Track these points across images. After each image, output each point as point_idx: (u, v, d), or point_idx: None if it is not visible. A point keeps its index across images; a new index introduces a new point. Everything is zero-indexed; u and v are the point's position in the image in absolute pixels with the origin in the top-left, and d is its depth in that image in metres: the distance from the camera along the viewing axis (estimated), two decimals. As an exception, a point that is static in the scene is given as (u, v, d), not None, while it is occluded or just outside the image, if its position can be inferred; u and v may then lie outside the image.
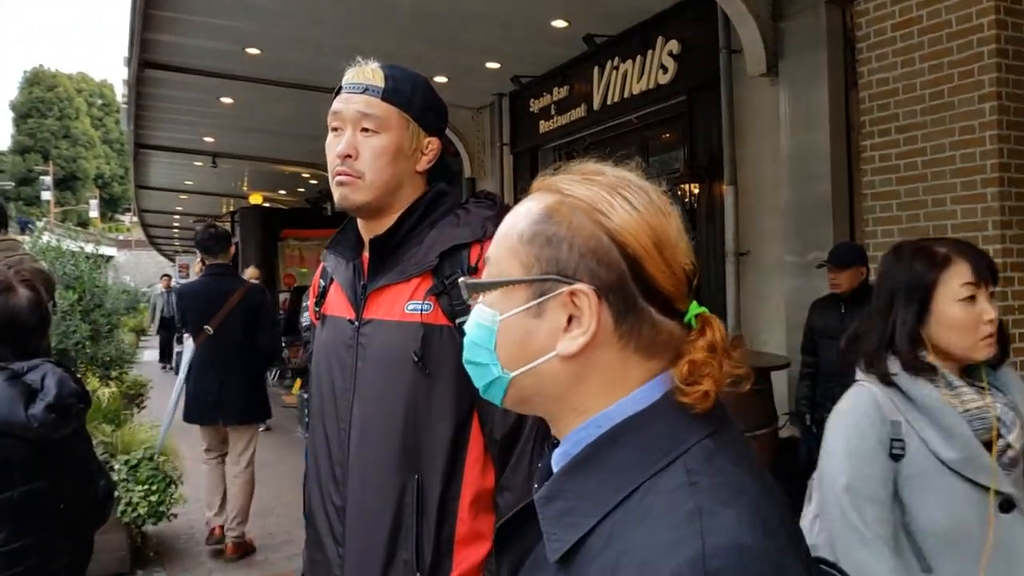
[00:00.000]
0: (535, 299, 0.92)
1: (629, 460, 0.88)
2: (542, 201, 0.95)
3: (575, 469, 0.91)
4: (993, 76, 4.90)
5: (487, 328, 0.96)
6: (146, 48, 8.45)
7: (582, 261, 0.91)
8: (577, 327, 0.90)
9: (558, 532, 0.89)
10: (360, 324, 1.78)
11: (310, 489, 1.89)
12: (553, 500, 0.91)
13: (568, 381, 0.93)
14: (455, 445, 1.71)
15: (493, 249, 0.99)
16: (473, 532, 1.72)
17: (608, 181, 0.95)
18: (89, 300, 5.98)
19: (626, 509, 0.85)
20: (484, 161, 10.99)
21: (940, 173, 5.19)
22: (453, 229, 1.76)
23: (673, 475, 0.85)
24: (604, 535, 0.84)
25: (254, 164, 15.45)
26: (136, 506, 5.12)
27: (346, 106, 1.73)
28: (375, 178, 1.73)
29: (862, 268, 4.78)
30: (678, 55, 7.33)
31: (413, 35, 7.88)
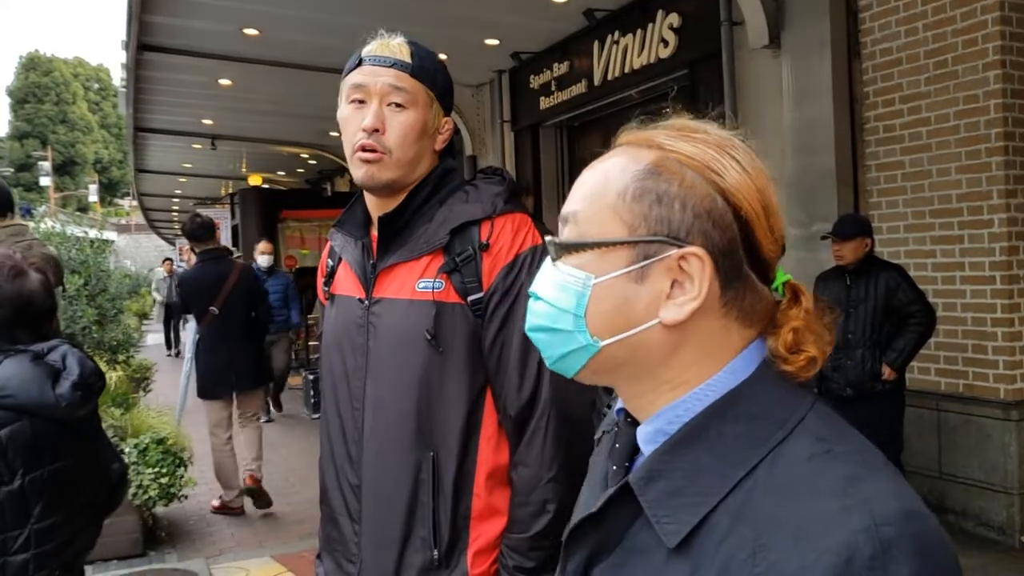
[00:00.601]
0: (639, 262, 0.85)
1: (744, 432, 0.83)
2: (640, 156, 0.89)
3: (680, 446, 0.85)
4: (997, 44, 4.88)
5: (576, 292, 0.87)
6: (144, 31, 8.40)
7: (696, 222, 0.85)
8: (682, 293, 0.85)
9: (671, 514, 0.82)
10: (371, 303, 1.77)
11: (325, 468, 1.89)
12: (655, 480, 0.84)
13: (666, 351, 0.87)
14: (469, 421, 1.72)
15: (580, 206, 0.90)
16: (489, 508, 1.73)
17: (714, 140, 0.90)
18: (95, 285, 5.99)
19: (752, 483, 0.79)
20: (485, 139, 10.95)
21: (944, 143, 5.19)
22: (463, 205, 1.75)
23: (800, 444, 0.80)
24: (730, 513, 0.79)
25: (253, 146, 15.39)
26: (147, 488, 5.16)
27: (373, 79, 1.68)
28: (402, 155, 1.70)
29: (866, 240, 4.77)
30: (679, 28, 7.27)
31: (412, 12, 7.82)
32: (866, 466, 0.78)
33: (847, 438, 0.82)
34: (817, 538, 0.72)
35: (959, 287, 5.18)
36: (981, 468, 5.12)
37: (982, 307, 5.10)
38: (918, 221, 5.38)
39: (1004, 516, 5.02)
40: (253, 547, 5.54)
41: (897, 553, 0.70)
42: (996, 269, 5.02)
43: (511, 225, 1.73)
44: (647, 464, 0.87)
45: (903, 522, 0.73)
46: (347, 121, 1.73)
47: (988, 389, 5.10)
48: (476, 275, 1.70)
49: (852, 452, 0.80)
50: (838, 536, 0.71)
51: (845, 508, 0.73)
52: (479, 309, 1.70)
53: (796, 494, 0.76)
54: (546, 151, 10.02)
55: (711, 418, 0.85)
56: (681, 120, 0.94)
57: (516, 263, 1.70)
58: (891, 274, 4.73)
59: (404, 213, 1.75)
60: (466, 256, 1.70)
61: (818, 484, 0.76)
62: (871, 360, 4.71)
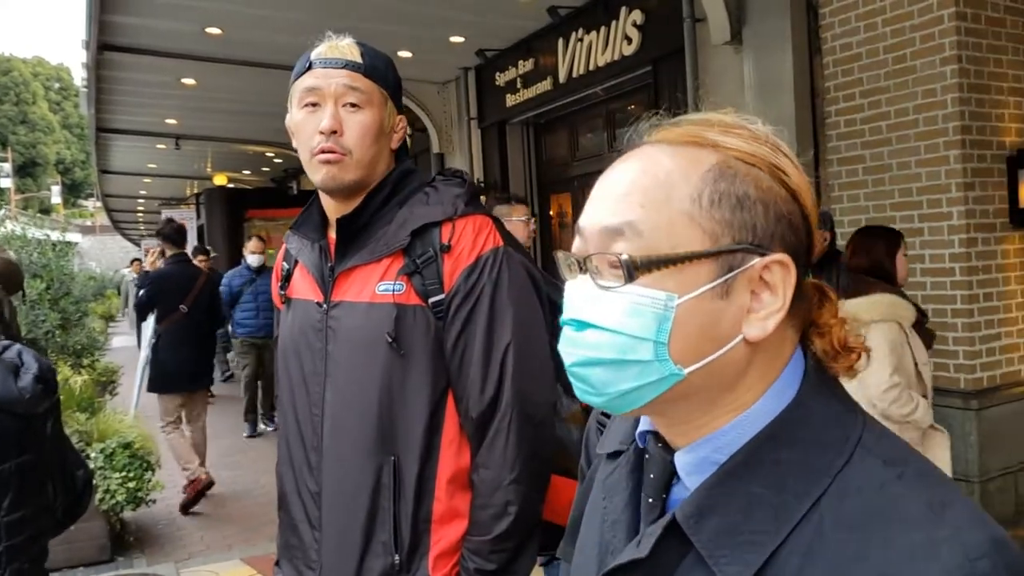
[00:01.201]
0: (723, 274, 0.77)
1: (803, 459, 0.76)
2: (700, 156, 0.80)
3: (731, 477, 0.77)
4: (953, 39, 4.96)
5: (656, 315, 0.76)
6: (105, 30, 8.28)
7: (777, 227, 0.79)
8: (761, 305, 0.78)
9: (730, 554, 0.74)
10: (329, 307, 1.75)
11: (283, 474, 1.87)
12: (708, 516, 0.76)
13: (740, 371, 0.79)
14: (431, 425, 1.71)
15: (635, 215, 0.79)
16: (450, 511, 1.72)
17: (762, 136, 0.83)
18: (57, 288, 5.92)
19: (820, 517, 0.73)
20: (452, 136, 10.93)
21: (904, 136, 5.26)
22: (423, 207, 1.74)
23: (867, 469, 0.74)
24: (800, 551, 0.72)
25: (218, 145, 15.24)
26: (114, 493, 5.12)
27: (326, 81, 1.68)
28: (362, 155, 1.69)
29: (825, 233, 4.80)
30: (642, 25, 7.31)
31: (376, 10, 7.79)
32: (942, 490, 0.74)
33: (908, 457, 0.77)
34: (907, 575, 0.68)
35: (920, 279, 5.26)
36: (943, 456, 5.20)
37: (942, 299, 5.18)
38: (879, 215, 5.45)
39: (966, 503, 5.10)
40: (222, 550, 5.51)
41: None
42: (955, 261, 5.10)
43: (472, 227, 1.73)
44: (696, 498, 0.79)
45: (996, 553, 0.68)
46: (302, 125, 1.71)
47: (949, 379, 5.18)
48: (437, 277, 1.69)
49: (921, 474, 0.75)
50: (931, 572, 0.67)
51: (933, 542, 0.68)
52: (440, 311, 1.70)
53: (875, 528, 0.71)
54: (513, 148, 10.03)
55: (765, 444, 0.78)
56: (711, 114, 0.85)
57: (478, 264, 1.70)
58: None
59: (363, 215, 1.74)
60: (427, 258, 1.69)
61: (898, 515, 0.71)
62: None
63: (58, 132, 74.69)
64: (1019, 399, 5.27)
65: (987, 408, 5.10)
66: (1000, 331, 5.24)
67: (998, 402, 5.17)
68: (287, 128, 1.78)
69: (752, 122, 0.84)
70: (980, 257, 5.14)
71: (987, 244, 5.16)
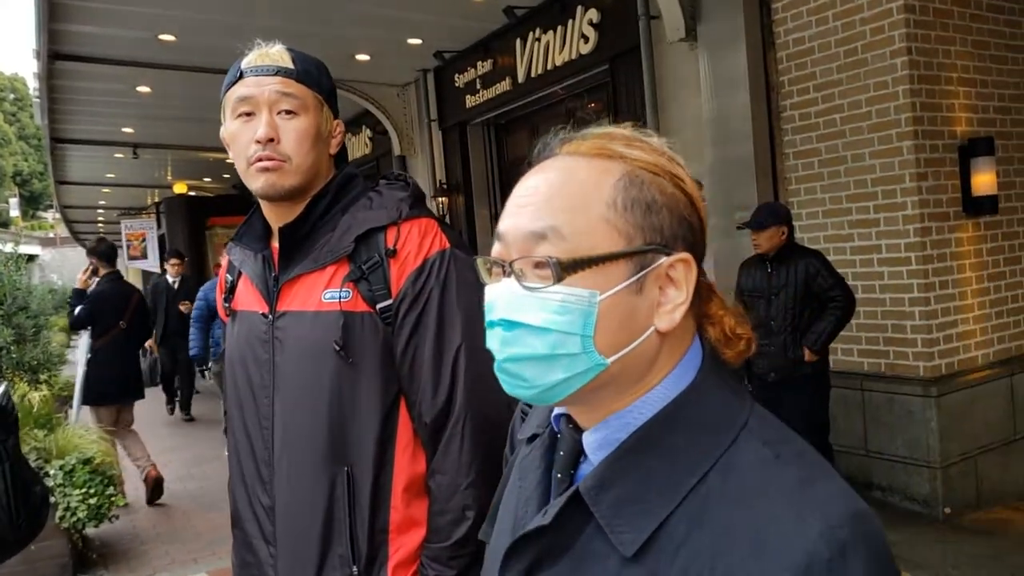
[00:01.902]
0: (637, 272, 0.84)
1: (694, 438, 0.84)
2: (609, 167, 0.88)
3: (631, 453, 0.85)
4: (903, 32, 5.02)
5: (583, 311, 0.83)
6: (55, 39, 8.16)
7: (679, 228, 0.87)
8: (667, 299, 0.86)
9: (626, 522, 0.82)
10: (275, 317, 1.72)
11: (236, 491, 1.83)
12: (607, 488, 0.84)
13: (651, 359, 0.87)
14: (384, 433, 1.68)
15: (558, 220, 0.85)
16: (408, 519, 1.70)
17: (658, 148, 0.91)
18: (11, 303, 5.80)
19: (707, 490, 0.80)
20: (413, 138, 10.89)
21: (858, 129, 5.32)
22: (367, 212, 1.71)
23: (749, 449, 0.82)
24: (686, 520, 0.80)
25: (177, 153, 15.06)
26: (75, 510, 5.02)
27: (259, 89, 1.65)
28: (301, 161, 1.66)
29: (782, 228, 4.84)
30: (598, 24, 7.33)
31: (332, 14, 7.74)
32: (813, 468, 0.81)
33: (789, 440, 0.85)
34: (775, 544, 0.74)
35: (877, 269, 5.32)
36: (905, 444, 5.27)
37: (899, 288, 5.24)
38: (836, 206, 5.51)
39: (928, 489, 5.17)
40: (188, 564, 5.44)
41: (851, 554, 0.74)
42: (911, 250, 5.17)
43: (418, 230, 1.70)
44: (598, 472, 0.86)
45: (855, 523, 0.76)
46: (237, 136, 1.68)
47: (908, 367, 5.25)
48: (384, 282, 1.67)
49: (797, 455, 0.83)
50: (796, 541, 0.74)
51: (800, 513, 0.76)
52: (389, 316, 1.67)
53: (751, 501, 0.78)
54: (474, 149, 10.02)
55: (661, 425, 0.85)
56: (612, 128, 0.94)
57: (425, 267, 1.68)
58: (810, 260, 4.81)
59: (306, 222, 1.71)
60: (372, 263, 1.67)
61: (771, 490, 0.78)
62: (792, 345, 4.81)
63: (15, 144, 73.38)
64: (977, 385, 5.35)
65: (946, 395, 5.17)
66: (957, 318, 5.31)
67: (957, 388, 5.24)
68: (222, 139, 1.74)
69: (648, 135, 0.93)
70: (935, 246, 5.21)
71: (941, 233, 5.23)
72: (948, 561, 4.53)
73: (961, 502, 5.19)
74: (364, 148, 12.46)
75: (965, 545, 4.74)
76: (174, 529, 6.15)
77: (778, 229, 4.82)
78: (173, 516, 6.39)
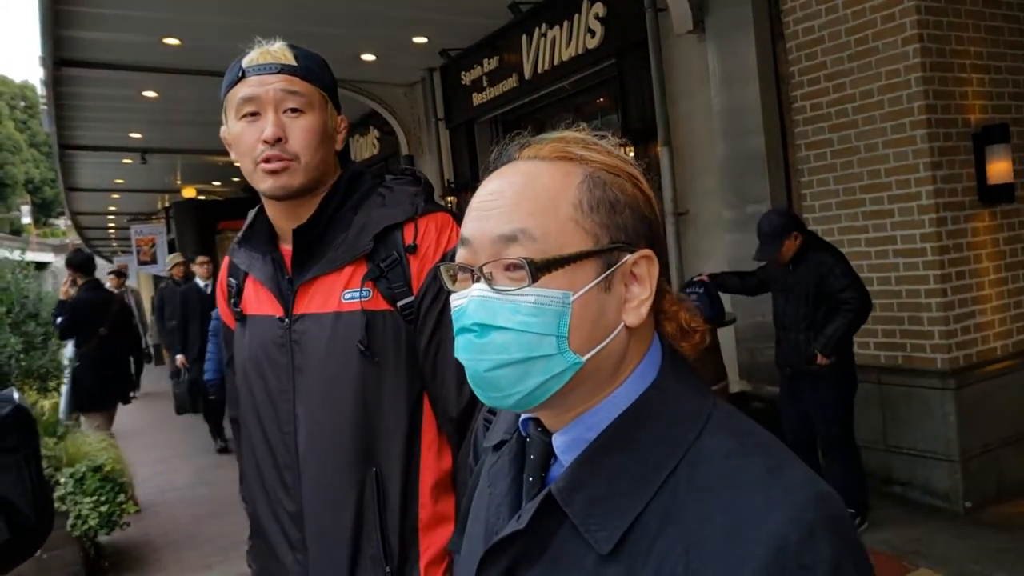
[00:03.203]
0: (605, 270, 0.87)
1: (660, 434, 0.86)
2: (570, 169, 0.90)
3: (600, 453, 0.87)
4: (914, 19, 4.94)
5: (556, 312, 0.84)
6: (60, 46, 8.17)
7: (641, 226, 0.90)
8: (633, 296, 0.88)
9: (599, 521, 0.84)
10: (292, 320, 1.69)
11: (255, 499, 1.80)
12: (579, 489, 0.86)
13: (621, 356, 0.89)
14: (410, 431, 1.67)
15: (527, 223, 0.86)
16: (436, 516, 1.69)
17: (612, 150, 0.94)
18: (20, 312, 5.78)
19: (676, 483, 0.82)
20: (420, 137, 10.86)
21: (870, 118, 5.24)
22: (381, 210, 1.69)
23: (715, 441, 0.84)
24: (659, 513, 0.81)
25: (185, 157, 15.06)
26: (86, 518, 4.99)
27: (263, 88, 1.61)
28: (310, 159, 1.63)
29: (793, 233, 4.68)
30: (604, 18, 7.27)
31: (337, 15, 7.71)
32: (778, 456, 0.84)
33: (752, 430, 0.88)
34: (748, 530, 0.77)
35: (892, 260, 5.24)
36: (924, 438, 5.19)
37: (915, 279, 5.16)
38: (849, 197, 5.43)
39: (948, 484, 5.09)
40: (200, 570, 5.41)
41: (820, 534, 0.76)
42: (927, 241, 5.08)
43: (435, 225, 1.69)
44: (569, 474, 0.87)
45: (821, 505, 0.78)
46: (241, 137, 1.64)
47: (926, 360, 5.17)
48: (404, 279, 1.65)
49: (764, 443, 0.86)
50: (767, 526, 0.76)
51: (769, 499, 0.78)
52: (410, 314, 1.66)
53: (721, 490, 0.80)
54: (482, 147, 9.97)
55: (628, 423, 0.87)
56: (568, 132, 0.95)
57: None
58: (823, 259, 4.64)
59: (319, 222, 1.68)
60: (391, 261, 1.65)
61: (740, 479, 0.80)
62: (805, 343, 4.70)
63: (26, 151, 73.82)
64: (996, 376, 5.26)
65: (965, 387, 5.09)
66: (974, 309, 5.22)
67: (975, 380, 5.15)
68: (223, 140, 1.70)
69: (603, 137, 0.96)
70: (951, 236, 5.12)
71: (957, 223, 5.15)
72: (969, 556, 4.46)
73: (982, 496, 5.10)
74: (372, 148, 12.43)
75: (987, 540, 4.66)
76: (186, 535, 6.12)
77: (791, 236, 4.67)
78: (185, 522, 6.37)
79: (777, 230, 4.71)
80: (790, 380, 4.89)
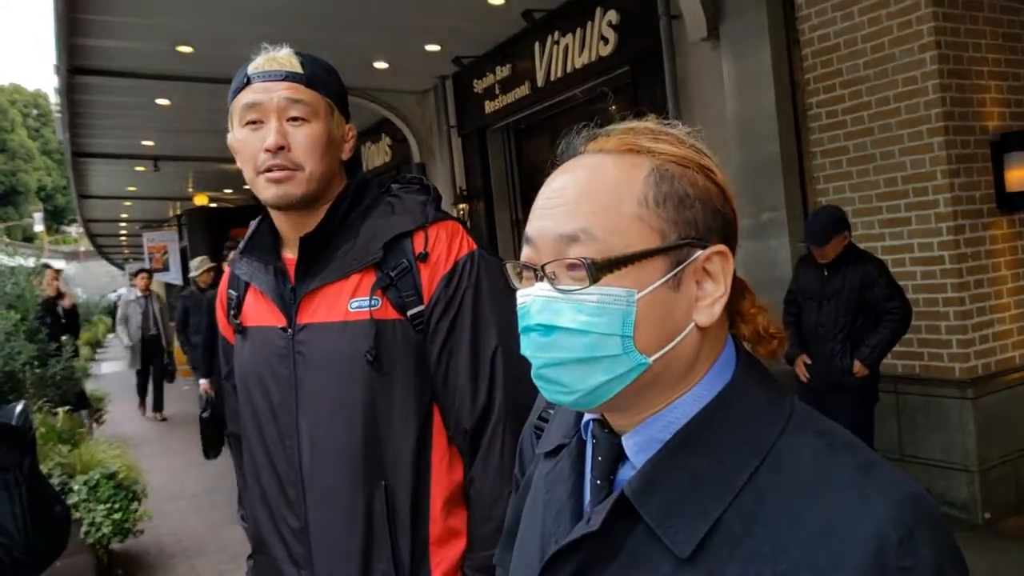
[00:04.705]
0: (673, 268, 0.83)
1: (740, 434, 0.82)
2: (637, 162, 0.86)
3: (675, 454, 0.83)
4: (931, 25, 4.91)
5: (621, 311, 0.81)
6: (74, 54, 8.20)
7: (713, 221, 0.86)
8: (706, 294, 0.84)
9: (678, 524, 0.80)
10: (295, 331, 1.66)
11: (257, 514, 1.76)
12: (654, 491, 0.82)
13: (693, 356, 0.85)
14: (420, 444, 1.64)
15: (589, 221, 0.83)
16: (447, 531, 1.66)
17: (686, 140, 0.90)
18: (33, 319, 5.80)
19: (758, 485, 0.79)
20: (432, 145, 10.86)
21: (886, 126, 5.20)
22: (390, 218, 1.67)
23: (800, 440, 0.81)
24: (741, 517, 0.78)
25: (197, 164, 15.12)
26: (99, 526, 4.99)
27: (267, 95, 1.58)
28: (313, 169, 1.60)
29: (844, 233, 4.60)
30: (618, 25, 7.25)
31: (350, 22, 7.72)
32: (866, 455, 0.81)
33: (835, 430, 0.84)
34: (844, 531, 0.74)
35: (909, 269, 5.20)
36: (942, 448, 5.15)
37: (933, 288, 5.12)
38: (865, 205, 5.39)
39: (967, 494, 5.04)
40: (214, 577, 5.40)
41: (920, 533, 0.74)
42: (944, 249, 5.04)
43: (445, 233, 1.67)
44: (643, 475, 0.84)
45: (919, 504, 0.76)
46: (244, 144, 1.61)
47: (943, 369, 5.12)
48: (415, 288, 1.63)
49: (849, 443, 0.82)
50: (866, 526, 0.73)
51: (864, 499, 0.75)
52: (420, 323, 1.63)
53: (812, 490, 0.77)
54: (494, 154, 9.97)
55: (706, 422, 0.84)
56: (636, 123, 0.92)
57: (456, 270, 1.64)
58: (868, 268, 4.55)
59: (325, 231, 1.65)
60: (401, 269, 1.63)
61: (832, 478, 0.78)
62: (840, 354, 4.59)
63: (38, 159, 74.28)
64: (1015, 385, 5.22)
65: (983, 396, 5.04)
66: (992, 318, 5.18)
67: (994, 389, 5.11)
68: (229, 147, 1.68)
69: (673, 126, 0.92)
70: (969, 244, 5.08)
71: (975, 230, 5.11)
72: (989, 568, 4.41)
73: (1001, 507, 5.05)
74: (384, 156, 12.44)
75: (1006, 551, 4.61)
76: (200, 543, 6.11)
77: (841, 236, 4.58)
78: (199, 530, 6.36)
79: (831, 224, 4.60)
80: (808, 393, 4.70)
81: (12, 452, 2.21)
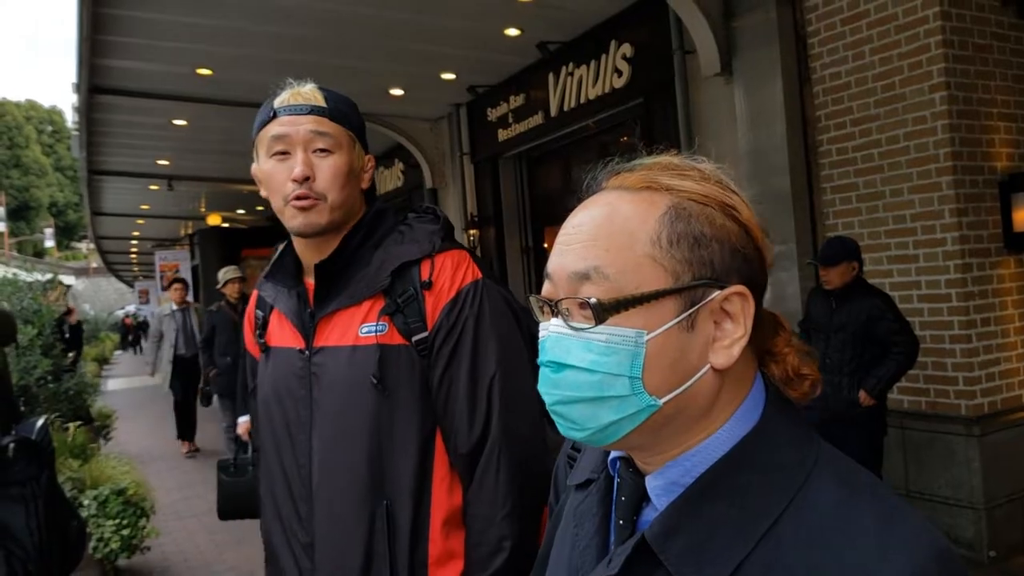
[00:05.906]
0: (687, 309, 0.82)
1: (764, 481, 0.81)
2: (654, 200, 0.86)
3: (697, 499, 0.82)
4: (941, 67, 4.98)
5: (629, 352, 0.81)
6: (95, 74, 8.31)
7: (732, 260, 0.84)
8: (724, 335, 0.83)
9: (696, 570, 0.79)
10: (312, 353, 1.74)
11: (271, 528, 1.83)
12: (675, 536, 0.81)
13: (711, 398, 0.84)
14: (421, 466, 1.69)
15: (601, 260, 0.83)
16: (446, 552, 1.70)
17: (710, 175, 0.89)
18: (48, 335, 5.86)
19: (780, 534, 0.78)
20: (445, 172, 10.95)
21: (896, 164, 5.26)
22: (399, 247, 1.74)
23: (822, 488, 0.80)
24: (760, 565, 0.77)
25: (211, 185, 15.23)
26: (108, 541, 5.03)
27: (294, 128, 1.68)
28: (336, 198, 1.69)
29: (853, 263, 4.66)
30: (632, 58, 7.35)
31: (367, 50, 7.83)
32: (890, 505, 0.79)
33: (859, 475, 0.83)
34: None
35: (916, 306, 5.24)
36: (948, 485, 5.16)
37: (940, 324, 5.16)
38: (874, 242, 5.44)
39: (972, 532, 5.05)
40: (220, 596, 5.42)
41: None
42: (951, 287, 5.09)
43: (451, 262, 1.73)
44: (664, 519, 0.83)
45: (941, 562, 0.74)
46: (272, 175, 1.70)
47: (950, 406, 5.15)
48: (420, 314, 1.69)
49: (871, 491, 0.80)
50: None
51: (884, 549, 0.73)
52: (424, 349, 1.69)
53: (830, 541, 0.75)
54: (506, 182, 10.05)
55: (729, 468, 0.83)
56: (662, 157, 0.92)
57: (459, 298, 1.70)
58: (875, 302, 4.61)
59: (341, 258, 1.73)
60: (408, 296, 1.69)
61: (851, 529, 0.76)
62: (848, 387, 4.63)
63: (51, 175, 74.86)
64: (1021, 424, 5.23)
65: (989, 434, 5.06)
66: (999, 356, 5.21)
67: (1000, 427, 5.13)
68: (254, 176, 1.77)
69: (700, 161, 0.91)
70: (976, 282, 5.12)
71: (982, 269, 5.15)
72: (994, 606, 4.41)
73: (1007, 545, 5.06)
74: (396, 181, 12.54)
75: (1011, 590, 4.61)
76: (206, 562, 6.12)
77: (849, 265, 4.65)
78: (205, 548, 6.38)
79: (843, 250, 4.69)
80: (823, 425, 4.67)
81: (31, 466, 2.27)
